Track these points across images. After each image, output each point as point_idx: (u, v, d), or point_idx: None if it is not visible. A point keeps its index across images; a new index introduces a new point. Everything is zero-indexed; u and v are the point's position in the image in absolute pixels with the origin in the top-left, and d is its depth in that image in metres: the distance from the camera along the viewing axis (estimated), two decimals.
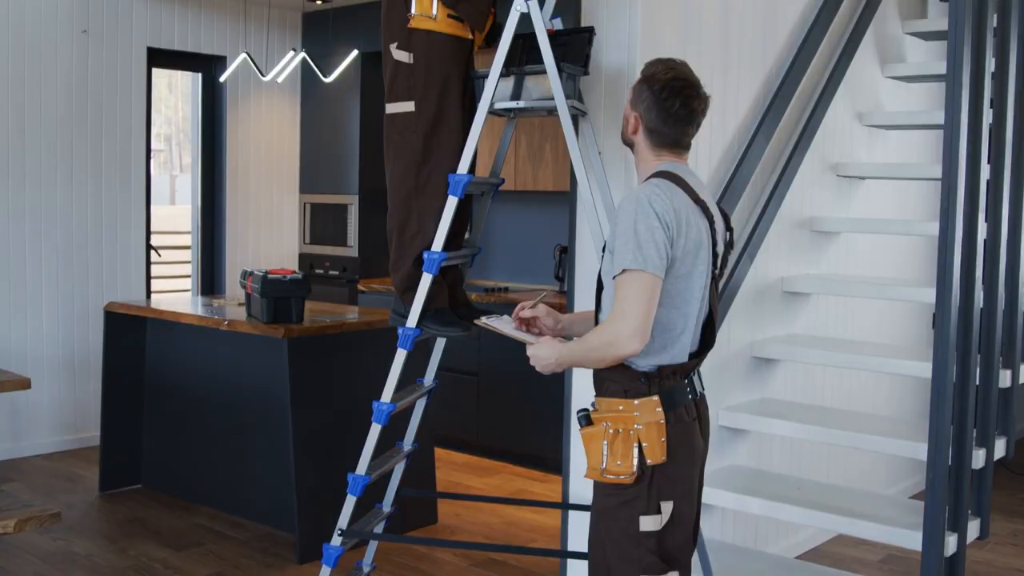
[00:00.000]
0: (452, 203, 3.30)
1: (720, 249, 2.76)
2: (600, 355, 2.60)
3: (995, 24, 3.81)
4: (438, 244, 3.31)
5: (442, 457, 6.41)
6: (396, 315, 3.55)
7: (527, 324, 3.02)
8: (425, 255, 3.33)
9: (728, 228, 2.85)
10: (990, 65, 3.74)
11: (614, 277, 2.57)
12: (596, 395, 2.75)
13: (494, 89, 3.28)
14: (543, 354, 2.76)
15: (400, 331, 3.39)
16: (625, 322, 2.52)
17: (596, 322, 2.78)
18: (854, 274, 5.05)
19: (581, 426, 2.70)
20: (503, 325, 3.02)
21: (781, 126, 4.35)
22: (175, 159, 22.39)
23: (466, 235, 3.71)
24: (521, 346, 2.92)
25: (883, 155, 5.29)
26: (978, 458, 3.78)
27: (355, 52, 6.56)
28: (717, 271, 2.76)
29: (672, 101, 2.69)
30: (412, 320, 3.37)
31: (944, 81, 5.45)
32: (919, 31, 5.40)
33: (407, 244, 3.45)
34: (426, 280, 3.33)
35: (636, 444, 2.61)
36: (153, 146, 7.19)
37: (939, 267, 3.57)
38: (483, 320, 3.08)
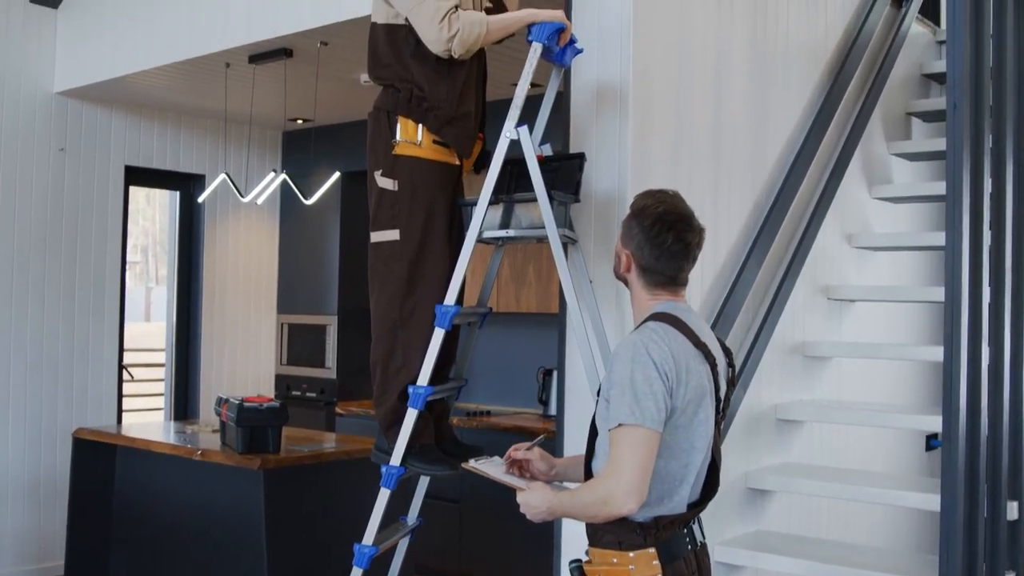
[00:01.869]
0: (439, 335, 3.17)
1: (723, 392, 2.62)
2: (593, 512, 2.45)
3: (990, 145, 3.76)
4: (424, 378, 3.17)
5: None
6: (379, 452, 3.38)
7: (519, 467, 2.85)
8: (410, 389, 3.18)
9: (730, 365, 2.71)
10: (987, 186, 3.68)
11: (609, 430, 2.42)
12: (589, 544, 2.59)
13: (482, 218, 3.18)
14: (534, 502, 2.60)
15: (383, 469, 3.24)
16: (620, 480, 2.37)
17: (586, 467, 2.62)
18: (847, 399, 4.94)
19: None
20: (491, 468, 2.86)
21: (772, 250, 4.27)
22: (151, 271, 22.25)
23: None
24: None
25: (873, 276, 5.22)
26: None
27: (337, 174, 6.49)
28: (720, 415, 2.62)
29: (665, 236, 2.56)
30: (396, 458, 3.21)
31: (931, 202, 5.48)
32: (904, 152, 5.40)
33: (391, 378, 3.30)
34: (411, 416, 3.18)
35: None
36: (129, 258, 7.07)
37: (944, 397, 3.45)
38: (471, 464, 2.91)
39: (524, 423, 6.04)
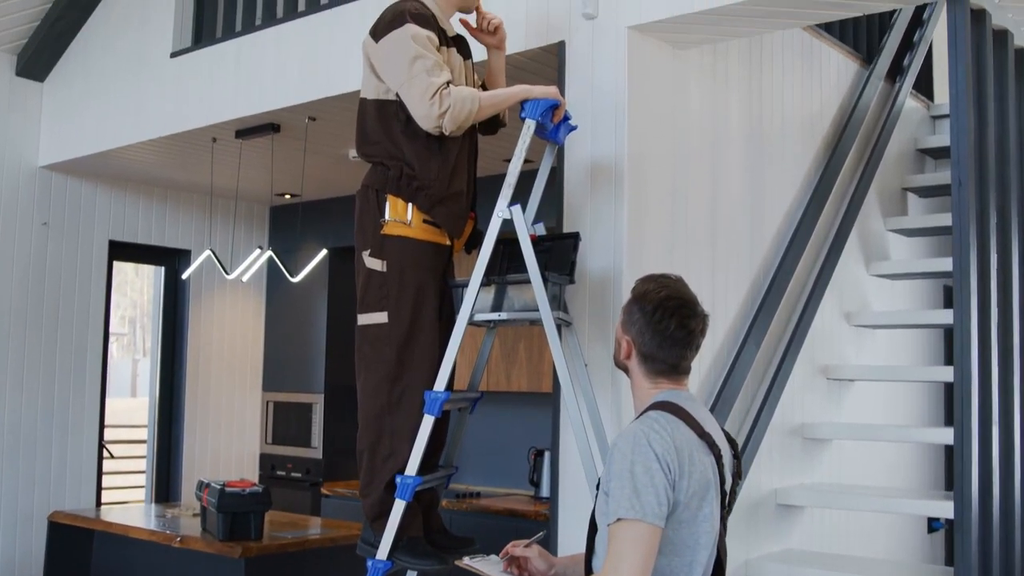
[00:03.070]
0: (428, 422, 3.03)
1: (728, 485, 2.49)
2: None
3: (995, 220, 3.68)
4: (412, 468, 3.03)
5: None
6: (365, 544, 3.22)
7: (517, 564, 2.70)
8: (398, 480, 3.04)
9: (735, 456, 2.58)
10: (993, 261, 3.60)
11: (608, 524, 2.28)
12: None
13: (474, 300, 3.06)
14: None
15: (369, 563, 3.09)
16: None
17: (587, 566, 2.48)
18: (847, 481, 4.80)
19: None
20: (487, 566, 2.71)
21: (770, 329, 4.17)
22: (138, 343, 22.07)
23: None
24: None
25: (871, 354, 5.11)
26: None
27: (324, 252, 6.38)
28: (725, 509, 2.48)
29: (667, 323, 2.44)
30: (383, 552, 3.05)
31: (930, 278, 5.40)
32: (901, 228, 5.33)
33: (379, 468, 3.15)
34: (399, 507, 3.03)
35: None
36: (117, 329, 6.92)
37: (956, 482, 3.32)
38: (466, 561, 2.77)
39: (515, 505, 5.87)
